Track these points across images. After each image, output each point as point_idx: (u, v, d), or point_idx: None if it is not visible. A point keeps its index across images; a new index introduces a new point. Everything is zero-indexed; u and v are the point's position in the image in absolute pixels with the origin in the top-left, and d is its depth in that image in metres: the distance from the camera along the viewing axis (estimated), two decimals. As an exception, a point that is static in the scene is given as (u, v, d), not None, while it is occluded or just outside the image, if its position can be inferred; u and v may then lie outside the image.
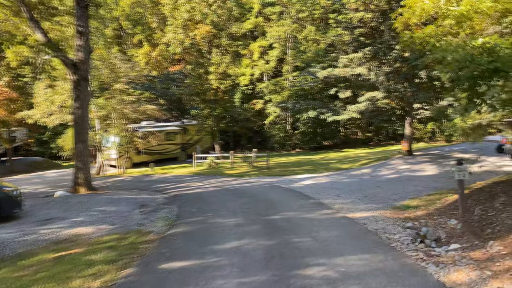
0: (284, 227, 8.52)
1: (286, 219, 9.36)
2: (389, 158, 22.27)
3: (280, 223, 8.98)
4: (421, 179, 15.92)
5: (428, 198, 11.86)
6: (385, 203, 11.60)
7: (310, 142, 41.15)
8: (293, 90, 41.80)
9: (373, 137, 44.48)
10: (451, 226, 8.04)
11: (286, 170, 21.27)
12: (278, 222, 9.14)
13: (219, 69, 32.22)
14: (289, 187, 15.48)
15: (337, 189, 14.34)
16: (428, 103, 22.45)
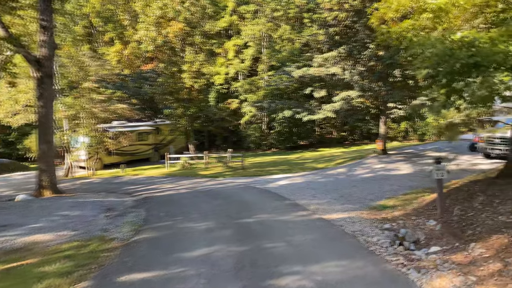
0: (258, 231, 8.05)
1: (260, 222, 8.89)
2: (364, 157, 22.15)
3: (253, 227, 8.50)
4: (397, 178, 15.77)
5: (404, 198, 11.64)
6: (361, 203, 11.30)
7: (286, 141, 40.92)
8: (269, 89, 41.48)
9: (348, 137, 44.65)
10: (430, 227, 7.75)
11: (262, 170, 20.84)
12: (251, 225, 8.66)
13: (192, 67, 31.51)
14: (264, 187, 15.04)
15: (312, 189, 13.98)
16: (402, 102, 22.44)
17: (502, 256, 5.51)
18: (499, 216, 6.81)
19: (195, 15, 33.71)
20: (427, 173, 11.83)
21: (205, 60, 33.71)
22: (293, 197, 12.50)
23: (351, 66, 21.66)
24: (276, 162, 25.98)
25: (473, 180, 9.69)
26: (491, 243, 6.02)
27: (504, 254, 5.55)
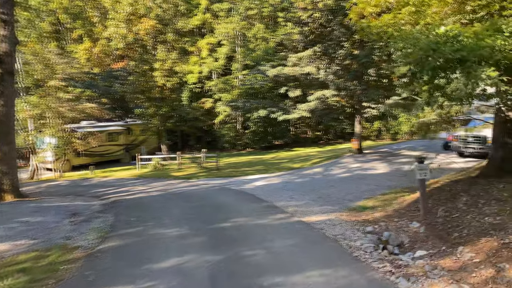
0: (234, 237, 7.55)
1: (237, 227, 8.39)
2: (340, 157, 21.96)
3: (229, 232, 7.99)
4: (374, 177, 15.58)
5: (383, 198, 11.38)
6: (340, 204, 10.97)
7: (261, 141, 40.57)
8: (243, 88, 41.00)
9: (322, 136, 44.69)
10: (414, 229, 7.45)
11: (237, 171, 20.33)
12: (227, 231, 8.15)
13: (165, 65, 30.67)
14: (240, 189, 14.54)
15: (290, 190, 13.59)
16: (376, 101, 22.39)
17: (494, 261, 5.21)
18: (485, 218, 6.56)
19: (167, 12, 32.87)
20: (409, 171, 11.67)
21: (177, 59, 32.93)
22: (270, 198, 12.06)
23: (326, 65, 21.44)
24: (252, 162, 25.53)
25: (455, 180, 9.49)
26: (480, 247, 5.73)
27: (495, 259, 5.25)
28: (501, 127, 8.33)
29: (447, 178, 11.25)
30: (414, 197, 9.63)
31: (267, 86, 40.27)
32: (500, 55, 6.10)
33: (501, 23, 6.25)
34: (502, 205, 6.80)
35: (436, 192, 8.76)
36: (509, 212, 6.43)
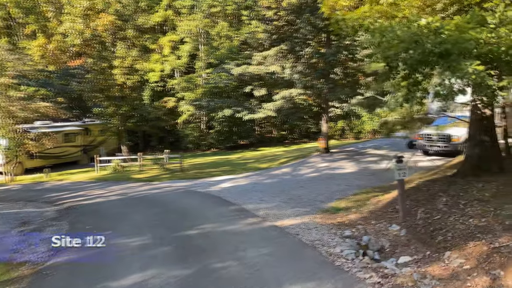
0: (203, 247, 6.89)
1: (205, 235, 7.72)
2: (307, 156, 21.66)
3: (197, 241, 7.32)
4: (343, 177, 15.30)
5: (355, 198, 11.05)
6: (312, 205, 10.53)
7: (226, 141, 39.87)
8: (207, 87, 40.11)
9: (288, 136, 44.52)
10: (394, 232, 7.07)
11: (202, 172, 19.58)
12: (195, 239, 7.47)
13: (125, 63, 29.36)
14: (207, 191, 13.83)
15: (259, 192, 13.03)
16: (342, 100, 22.28)
17: (487, 268, 4.84)
18: (470, 219, 6.24)
19: (127, 8, 31.55)
20: (378, 170, 11.37)
21: (138, 56, 31.67)
22: (239, 201, 11.45)
23: (292, 63, 21.06)
24: (217, 162, 24.82)
25: (431, 179, 9.25)
26: (469, 252, 5.38)
27: (487, 265, 4.90)
28: (477, 124, 8.12)
29: (419, 177, 11.06)
30: (389, 198, 9.32)
31: (232, 85, 39.59)
32: (486, 48, 5.79)
33: (486, 15, 5.94)
34: (485, 205, 6.52)
35: (413, 192, 8.45)
36: (494, 213, 6.14)
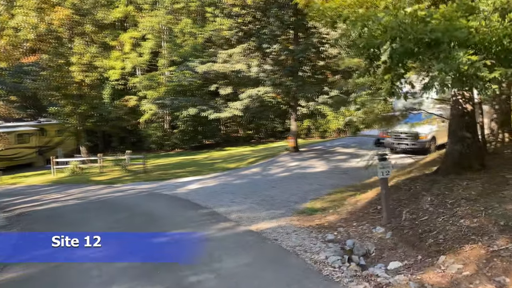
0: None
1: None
2: (277, 155, 21.21)
3: (166, 250, 6.60)
4: (314, 176, 14.94)
5: (330, 198, 10.65)
6: (286, 206, 10.03)
7: (190, 141, 38.90)
8: (171, 85, 38.98)
9: (254, 135, 44.03)
10: (378, 235, 6.63)
11: (167, 173, 18.70)
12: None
13: (83, 59, 27.87)
14: (173, 193, 13.04)
15: (229, 193, 12.39)
16: (309, 98, 22.00)
17: (489, 274, 4.45)
18: (460, 220, 5.89)
19: (85, 1, 30.03)
20: (367, 168, 11.08)
21: (98, 53, 30.19)
22: (209, 203, 10.77)
23: (260, 60, 20.52)
24: (183, 163, 23.95)
25: (410, 178, 8.92)
26: (466, 256, 4.99)
27: (489, 271, 4.51)
28: (458, 120, 7.85)
29: (395, 175, 10.76)
30: (368, 197, 8.94)
31: (196, 83, 38.63)
32: (477, 37, 5.43)
33: (477, 2, 5.59)
34: (473, 204, 6.19)
35: (393, 192, 8.06)
36: (485, 213, 5.81)
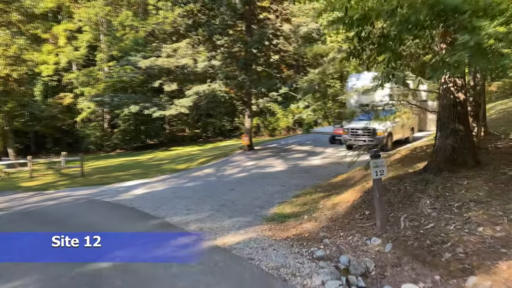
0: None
1: (122, 269, 5.40)
2: (230, 155, 19.82)
3: (112, 280, 5.03)
4: (274, 176, 13.76)
5: (299, 201, 9.49)
6: (252, 213, 8.73)
7: (132, 141, 36.64)
8: (110, 82, 36.42)
9: (202, 134, 42.35)
10: (375, 248, 5.51)
11: (109, 177, 16.72)
12: (107, 277, 5.15)
13: (9, 51, 24.85)
14: (116, 200, 11.26)
15: (182, 198, 10.86)
16: (260, 95, 20.90)
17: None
18: (478, 228, 4.89)
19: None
20: (350, 165, 10.20)
21: (26, 45, 27.14)
22: (160, 212, 9.22)
23: (210, 52, 19.02)
24: (125, 165, 21.90)
25: (393, 177, 7.93)
26: (505, 277, 3.95)
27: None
28: (450, 111, 6.95)
29: (366, 173, 9.78)
30: (347, 200, 7.85)
31: (138, 79, 36.43)
32: (505, 4, 4.44)
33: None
34: (487, 208, 5.25)
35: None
36: (507, 219, 4.85)
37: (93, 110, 35.74)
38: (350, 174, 12.10)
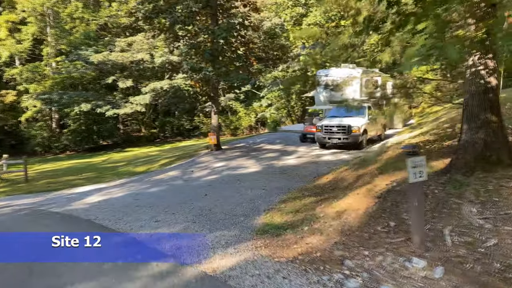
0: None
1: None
2: (196, 155, 18.13)
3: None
4: (250, 178, 12.36)
5: (289, 208, 8.13)
6: (236, 224, 7.29)
7: (84, 142, 34.06)
8: (59, 78, 33.58)
9: (159, 134, 40.11)
10: (421, 273, 4.21)
11: (58, 182, 14.61)
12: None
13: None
14: (67, 210, 9.37)
15: (147, 207, 9.20)
16: (231, 89, 19.43)
17: None
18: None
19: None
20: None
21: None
22: (123, 225, 7.55)
23: (172, 44, 17.21)
24: (77, 168, 19.69)
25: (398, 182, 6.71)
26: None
27: None
28: (480, 99, 5.83)
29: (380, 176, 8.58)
30: (356, 207, 6.57)
31: (90, 75, 33.81)
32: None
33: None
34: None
35: (401, 199, 5.79)
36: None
37: (39, 109, 32.80)
38: (336, 175, 10.91)
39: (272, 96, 34.81)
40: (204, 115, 39.53)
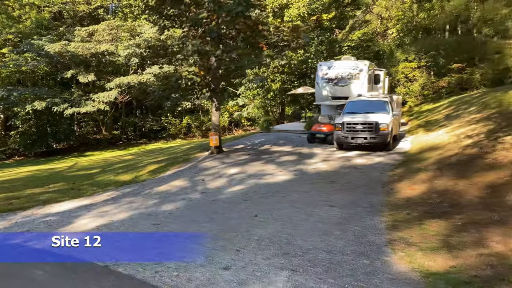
0: None
1: None
2: (193, 160, 14.81)
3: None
4: (292, 189, 9.63)
5: (421, 238, 5.50)
6: (367, 275, 4.49)
7: (36, 145, 29.60)
8: (5, 72, 28.88)
9: (121, 136, 35.92)
10: None
11: (20, 197, 10.80)
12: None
13: None
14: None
15: (185, 238, 6.13)
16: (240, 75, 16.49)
17: None
18: None
19: None
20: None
21: None
22: (172, 278, 4.48)
23: (166, 20, 13.86)
24: (39, 177, 15.81)
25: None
26: None
27: None
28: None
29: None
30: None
31: (43, 69, 29.37)
32: None
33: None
34: None
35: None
36: None
37: (-19, 108, 28.02)
38: (428, 185, 8.35)
39: (251, 95, 31.86)
40: (173, 114, 35.92)
